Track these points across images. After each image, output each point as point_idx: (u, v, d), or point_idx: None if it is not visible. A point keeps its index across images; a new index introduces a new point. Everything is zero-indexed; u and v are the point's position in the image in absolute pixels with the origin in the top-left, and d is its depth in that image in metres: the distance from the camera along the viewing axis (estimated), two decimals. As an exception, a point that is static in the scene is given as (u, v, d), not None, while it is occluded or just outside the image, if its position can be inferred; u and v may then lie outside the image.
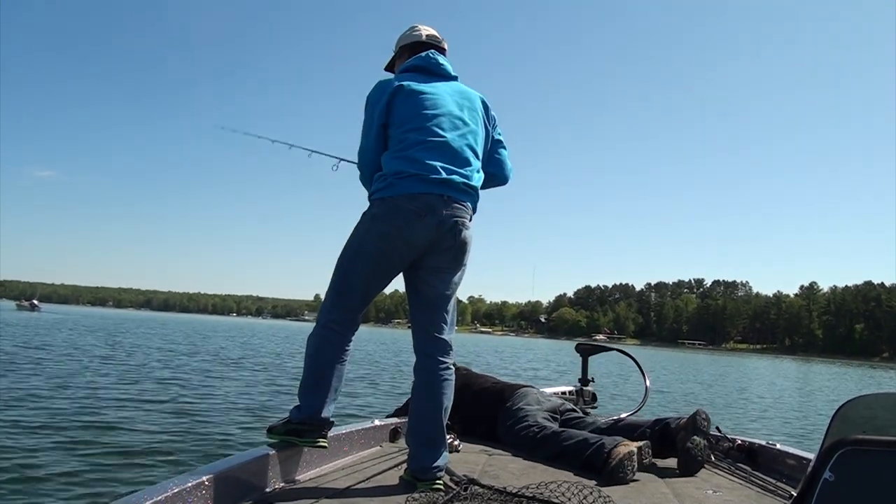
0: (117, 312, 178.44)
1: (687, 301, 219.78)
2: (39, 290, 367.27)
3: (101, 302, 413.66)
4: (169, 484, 2.24)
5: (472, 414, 4.16)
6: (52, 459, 6.00)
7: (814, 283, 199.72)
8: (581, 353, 5.73)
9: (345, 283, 2.97)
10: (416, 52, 3.27)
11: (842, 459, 1.72)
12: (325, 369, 2.94)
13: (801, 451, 3.59)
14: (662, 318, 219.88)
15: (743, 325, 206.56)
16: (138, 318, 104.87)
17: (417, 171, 2.86)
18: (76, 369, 14.11)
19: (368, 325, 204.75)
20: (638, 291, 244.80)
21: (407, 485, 2.84)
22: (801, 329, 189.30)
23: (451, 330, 3.05)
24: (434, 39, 3.33)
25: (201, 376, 14.64)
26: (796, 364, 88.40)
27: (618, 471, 3.21)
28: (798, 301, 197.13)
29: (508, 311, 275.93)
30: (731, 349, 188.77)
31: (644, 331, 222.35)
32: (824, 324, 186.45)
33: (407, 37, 3.36)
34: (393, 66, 3.42)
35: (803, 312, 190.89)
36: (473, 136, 3.09)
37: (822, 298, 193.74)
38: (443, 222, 2.88)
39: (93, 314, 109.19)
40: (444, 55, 3.28)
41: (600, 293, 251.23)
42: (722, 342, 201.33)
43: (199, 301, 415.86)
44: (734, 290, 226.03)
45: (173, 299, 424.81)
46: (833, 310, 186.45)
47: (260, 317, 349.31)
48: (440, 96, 3.04)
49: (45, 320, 50.37)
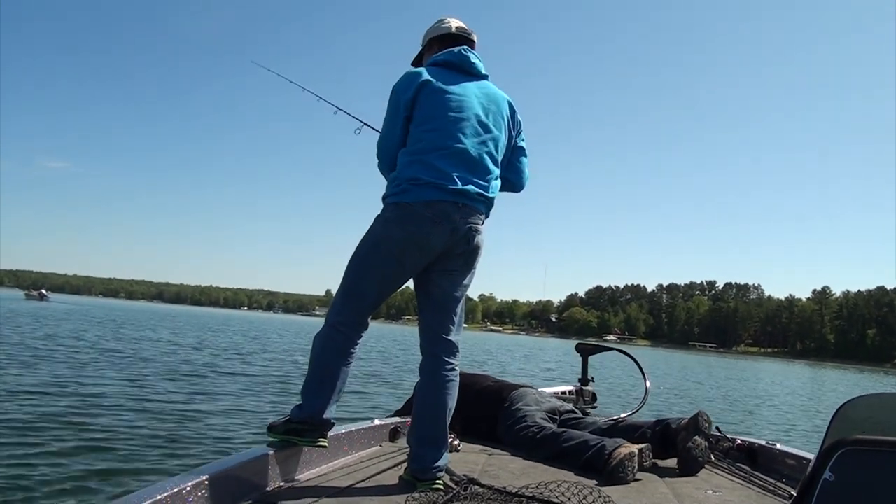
0: (128, 304, 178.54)
1: (698, 303, 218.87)
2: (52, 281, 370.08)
3: (112, 293, 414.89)
4: (169, 483, 2.24)
5: (472, 414, 4.14)
6: (51, 459, 5.94)
7: (826, 288, 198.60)
8: (581, 353, 5.73)
9: (356, 286, 2.96)
10: (445, 44, 3.19)
11: (842, 459, 1.71)
12: (329, 370, 2.93)
13: (801, 451, 3.59)
14: (674, 320, 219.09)
15: (754, 328, 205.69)
16: (148, 309, 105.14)
17: (433, 180, 2.83)
18: (79, 361, 14.10)
19: (379, 320, 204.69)
20: (649, 292, 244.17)
21: (407, 484, 2.84)
22: (813, 333, 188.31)
23: (459, 331, 3.05)
24: (464, 32, 3.24)
25: (204, 371, 14.57)
26: (807, 369, 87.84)
27: (618, 471, 3.21)
28: (810, 305, 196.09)
29: (519, 310, 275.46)
30: (742, 352, 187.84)
31: (655, 332, 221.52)
32: (836, 328, 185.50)
33: (435, 29, 3.27)
34: (421, 61, 3.33)
35: (815, 317, 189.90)
36: (495, 142, 3.04)
37: (834, 303, 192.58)
38: (457, 229, 2.87)
39: (101, 305, 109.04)
40: (473, 48, 3.22)
41: (611, 293, 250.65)
42: (733, 345, 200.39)
43: (210, 294, 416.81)
44: (746, 292, 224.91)
45: (185, 292, 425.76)
46: (845, 314, 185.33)
47: (271, 311, 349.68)
48: (467, 98, 2.99)
49: (54, 310, 50.47)
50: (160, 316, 64.63)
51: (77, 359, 14.59)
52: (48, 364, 13.02)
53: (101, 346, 19.01)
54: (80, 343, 19.31)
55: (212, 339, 29.14)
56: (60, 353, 15.62)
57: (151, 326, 36.88)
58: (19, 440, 6.46)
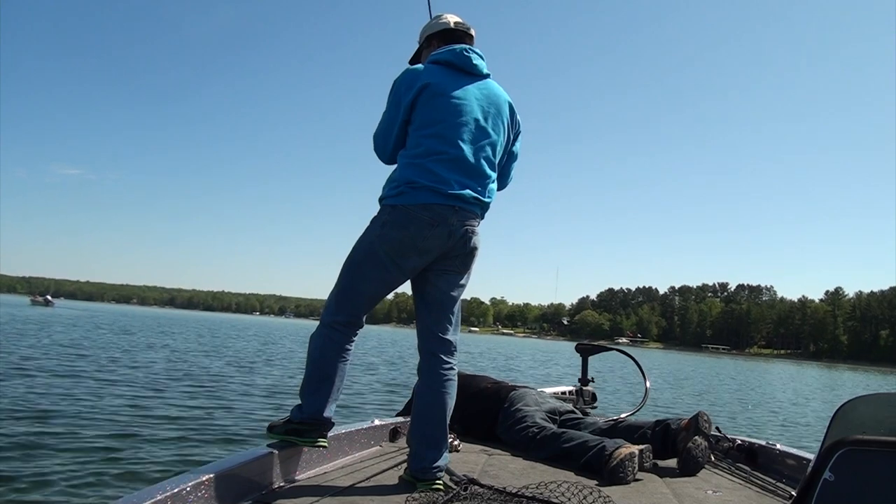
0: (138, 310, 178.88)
1: (711, 305, 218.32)
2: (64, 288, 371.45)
3: (125, 299, 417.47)
4: (169, 483, 2.24)
5: (471, 414, 4.15)
6: (51, 459, 5.97)
7: (839, 289, 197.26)
8: (581, 353, 5.72)
9: (352, 287, 2.96)
10: (445, 39, 3.17)
11: (842, 459, 1.71)
12: (327, 369, 2.93)
13: (801, 452, 3.59)
14: (686, 322, 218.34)
15: (767, 330, 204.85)
16: (157, 315, 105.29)
17: (431, 184, 2.83)
18: (79, 365, 14.17)
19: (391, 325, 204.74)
20: (661, 295, 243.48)
21: (407, 485, 2.84)
22: (826, 335, 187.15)
23: (457, 331, 3.05)
24: (462, 26, 3.21)
25: (205, 372, 14.63)
26: (821, 370, 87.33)
27: (618, 471, 3.20)
28: (823, 306, 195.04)
29: (531, 313, 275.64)
30: (755, 354, 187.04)
31: (667, 334, 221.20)
32: (849, 330, 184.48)
33: (434, 25, 3.24)
34: (419, 58, 3.29)
35: (828, 318, 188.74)
36: (492, 147, 3.03)
37: (847, 304, 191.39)
38: (454, 232, 2.87)
39: (108, 310, 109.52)
40: (472, 43, 3.19)
41: (623, 296, 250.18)
42: (746, 347, 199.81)
43: (222, 299, 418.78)
44: (759, 294, 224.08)
45: (197, 297, 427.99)
46: (858, 316, 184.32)
47: (283, 316, 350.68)
48: (466, 102, 2.96)
49: (59, 316, 50.66)
50: (166, 321, 64.95)
51: (80, 362, 14.69)
52: (48, 366, 13.20)
53: (98, 349, 19.04)
54: (80, 347, 19.38)
55: (211, 342, 29.25)
56: (60, 357, 15.68)
57: (152, 330, 37.13)
58: (16, 442, 6.46)
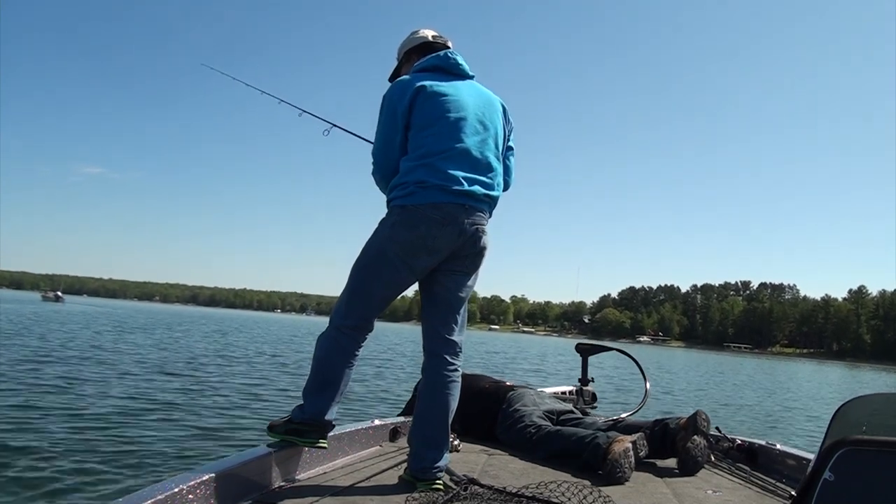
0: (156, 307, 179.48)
1: (733, 304, 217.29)
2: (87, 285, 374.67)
3: (147, 297, 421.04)
4: (169, 483, 2.24)
5: (471, 414, 4.14)
6: (50, 459, 5.98)
7: (862, 287, 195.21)
8: (581, 353, 5.71)
9: (363, 289, 2.94)
10: (424, 52, 3.19)
11: (842, 459, 1.71)
12: (332, 372, 2.92)
13: (801, 452, 3.58)
14: (708, 321, 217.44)
15: (790, 328, 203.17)
16: (173, 312, 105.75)
17: (440, 182, 2.82)
18: (85, 361, 14.31)
19: (411, 322, 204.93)
20: (683, 293, 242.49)
21: (407, 485, 2.84)
22: (850, 334, 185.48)
23: (462, 332, 3.04)
24: (440, 39, 3.25)
25: (204, 372, 14.62)
26: (844, 370, 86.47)
27: (615, 468, 3.20)
28: (846, 305, 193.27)
29: (552, 312, 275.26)
30: (777, 353, 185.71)
31: (689, 333, 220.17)
32: (873, 328, 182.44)
33: (412, 40, 3.29)
34: (398, 75, 3.31)
35: (851, 317, 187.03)
36: (494, 139, 3.04)
37: (870, 303, 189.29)
38: (464, 231, 2.86)
39: (121, 306, 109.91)
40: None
41: (645, 294, 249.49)
42: (768, 346, 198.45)
43: (244, 297, 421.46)
44: (781, 293, 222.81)
45: (219, 295, 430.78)
46: (882, 315, 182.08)
47: (304, 313, 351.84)
48: (461, 98, 2.97)
49: (68, 311, 51.14)
50: (180, 318, 65.35)
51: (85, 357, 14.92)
52: (53, 362, 13.38)
53: (93, 347, 19.04)
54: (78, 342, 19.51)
55: (215, 340, 29.32)
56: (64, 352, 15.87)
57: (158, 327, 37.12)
58: (16, 441, 6.50)
